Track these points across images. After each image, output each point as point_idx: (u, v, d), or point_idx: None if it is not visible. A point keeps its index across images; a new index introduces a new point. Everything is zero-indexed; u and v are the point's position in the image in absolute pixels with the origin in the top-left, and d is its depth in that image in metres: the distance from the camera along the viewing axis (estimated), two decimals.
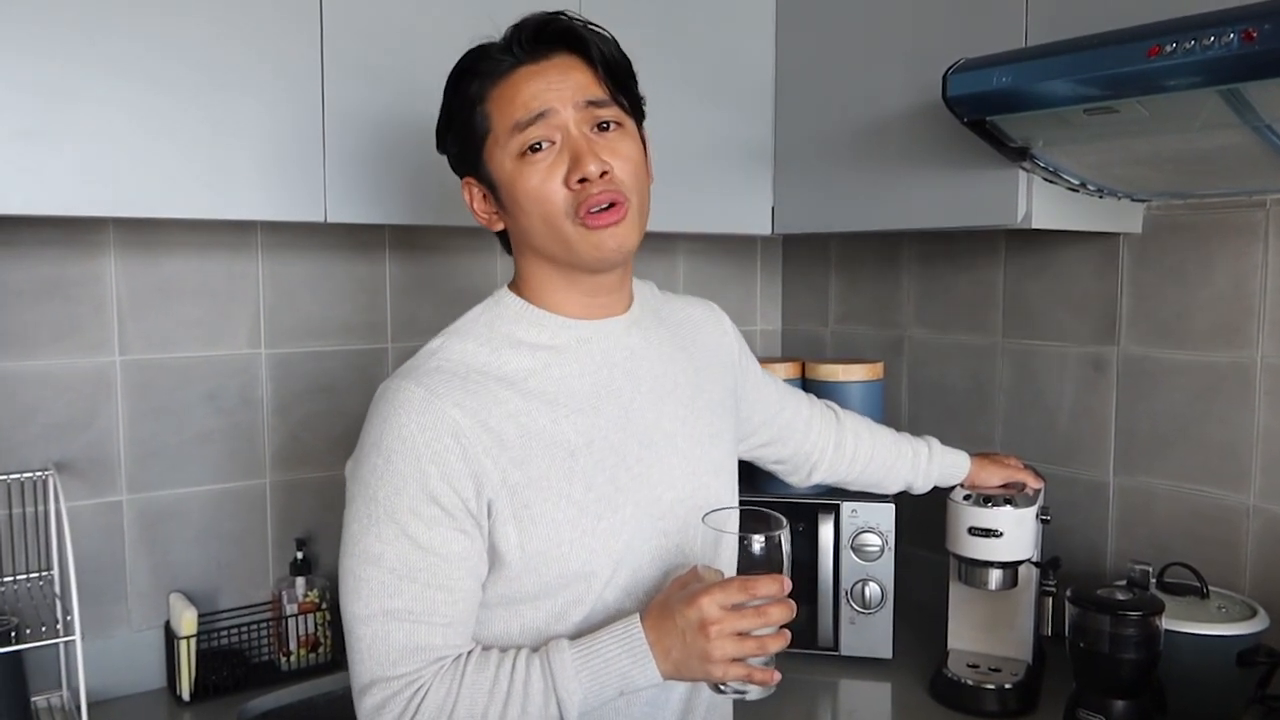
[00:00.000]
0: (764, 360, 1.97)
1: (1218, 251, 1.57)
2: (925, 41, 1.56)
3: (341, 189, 1.43)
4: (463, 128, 1.04)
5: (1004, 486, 1.54)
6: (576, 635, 1.01)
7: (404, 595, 0.96)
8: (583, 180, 0.98)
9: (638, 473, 1.06)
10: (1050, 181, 1.44)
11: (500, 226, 1.09)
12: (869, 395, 1.90)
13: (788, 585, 0.99)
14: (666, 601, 0.99)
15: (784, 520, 1.02)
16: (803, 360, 1.97)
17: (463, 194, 1.09)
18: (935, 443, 1.55)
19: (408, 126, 1.47)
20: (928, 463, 1.52)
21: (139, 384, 1.61)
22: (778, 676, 0.99)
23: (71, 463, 1.56)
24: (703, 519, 1.02)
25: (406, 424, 0.96)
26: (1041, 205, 1.45)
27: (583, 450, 1.03)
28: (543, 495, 1.00)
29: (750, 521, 1.03)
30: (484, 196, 1.07)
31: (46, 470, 1.49)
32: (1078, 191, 1.47)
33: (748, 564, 1.00)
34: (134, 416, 1.61)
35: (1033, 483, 1.55)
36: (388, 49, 1.45)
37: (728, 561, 1.02)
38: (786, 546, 1.01)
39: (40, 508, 1.52)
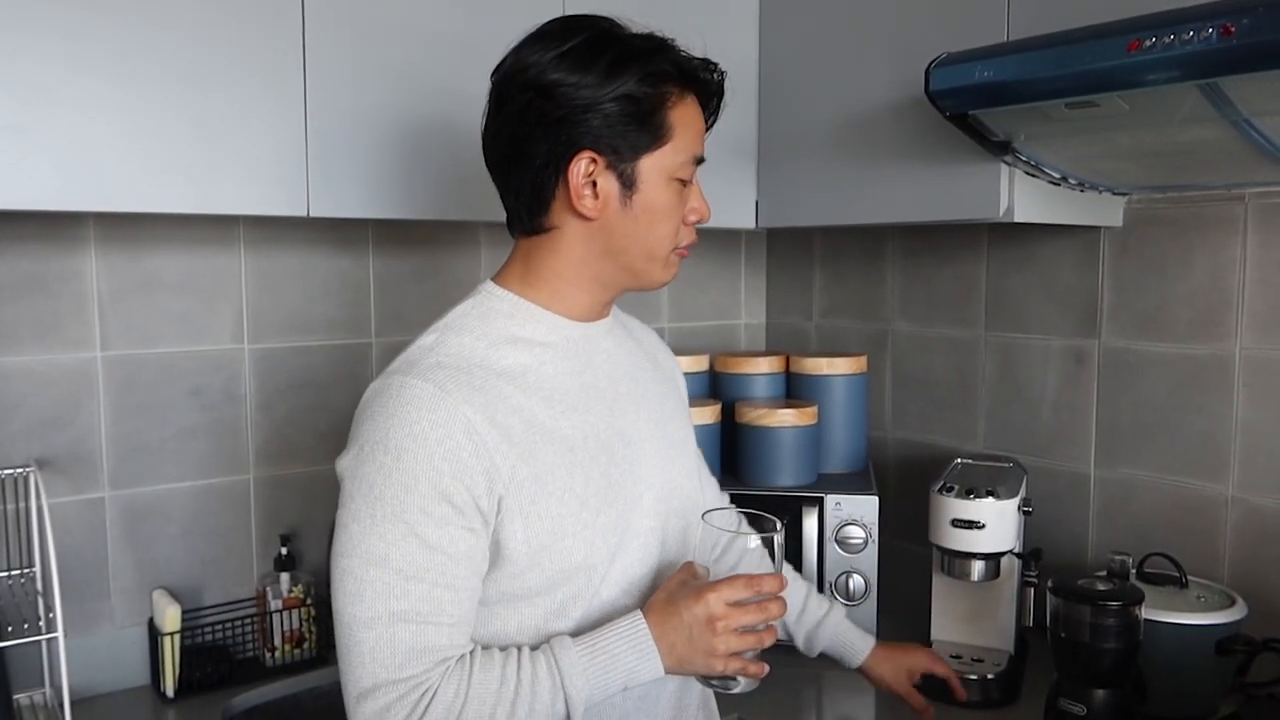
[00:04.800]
0: (748, 355, 1.98)
1: (1197, 244, 1.58)
2: (908, 36, 1.57)
3: (324, 183, 1.42)
4: (632, 110, 1.00)
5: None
6: (576, 633, 1.01)
7: (410, 596, 0.94)
8: (695, 222, 1.09)
9: (624, 469, 1.07)
10: (1032, 175, 1.45)
11: (593, 215, 1.03)
12: (853, 389, 1.91)
13: (786, 583, 1.03)
14: (670, 597, 1.00)
15: (779, 522, 1.06)
16: (787, 354, 1.98)
17: (574, 163, 1.01)
18: (840, 610, 1.43)
19: (391, 120, 1.47)
20: (819, 619, 1.40)
21: (121, 380, 1.60)
22: (767, 668, 1.02)
23: (53, 459, 1.55)
24: (702, 517, 1.05)
25: (418, 421, 0.94)
26: (1023, 199, 1.46)
27: (580, 445, 1.04)
28: (547, 489, 1.00)
29: (746, 522, 1.06)
30: (594, 184, 1.02)
31: (28, 467, 1.48)
32: (1059, 185, 1.48)
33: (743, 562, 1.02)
34: (116, 412, 1.60)
35: (952, 680, 1.43)
36: (371, 43, 1.44)
37: (717, 559, 1.04)
38: (780, 546, 1.05)
39: (22, 504, 1.51)
